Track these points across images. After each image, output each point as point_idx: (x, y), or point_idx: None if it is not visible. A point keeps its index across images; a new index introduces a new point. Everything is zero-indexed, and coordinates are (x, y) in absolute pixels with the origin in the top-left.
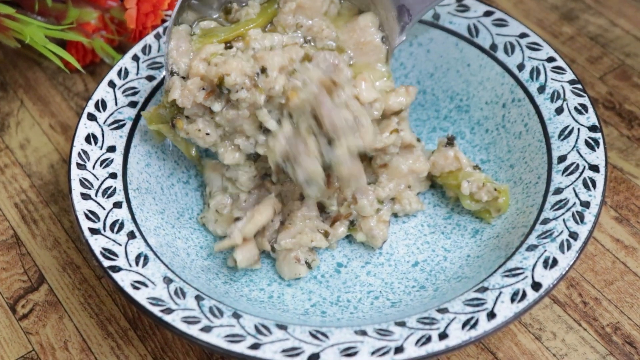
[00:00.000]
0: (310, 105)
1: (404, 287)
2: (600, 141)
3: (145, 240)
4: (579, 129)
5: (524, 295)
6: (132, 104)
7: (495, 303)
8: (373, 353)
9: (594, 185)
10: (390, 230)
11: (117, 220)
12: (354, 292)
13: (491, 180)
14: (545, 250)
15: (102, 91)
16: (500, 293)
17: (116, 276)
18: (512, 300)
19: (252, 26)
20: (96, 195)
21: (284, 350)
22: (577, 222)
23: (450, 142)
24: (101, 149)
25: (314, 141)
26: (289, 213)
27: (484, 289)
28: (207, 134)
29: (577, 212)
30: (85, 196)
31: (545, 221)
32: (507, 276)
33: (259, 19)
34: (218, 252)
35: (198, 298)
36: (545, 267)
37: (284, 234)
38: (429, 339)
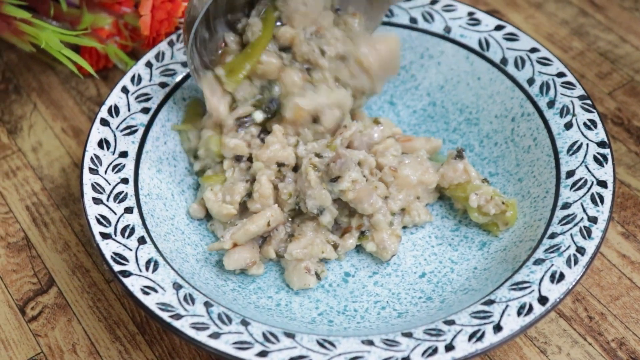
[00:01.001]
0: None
1: (410, 298)
2: (609, 157)
3: (156, 246)
4: (587, 145)
5: (531, 308)
6: (145, 110)
7: (501, 316)
8: None
9: (602, 201)
10: None
11: (128, 225)
12: (361, 302)
13: (499, 193)
14: (552, 265)
15: (115, 97)
16: (507, 306)
17: (126, 281)
18: (519, 313)
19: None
20: (108, 200)
21: (291, 359)
22: (584, 237)
23: (459, 154)
24: (113, 154)
25: (316, 177)
26: (300, 224)
27: (491, 302)
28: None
29: (584, 227)
30: (97, 201)
31: (553, 235)
32: (514, 289)
33: (265, 33)
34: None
35: (207, 304)
36: (552, 281)
37: (294, 244)
38: (435, 351)
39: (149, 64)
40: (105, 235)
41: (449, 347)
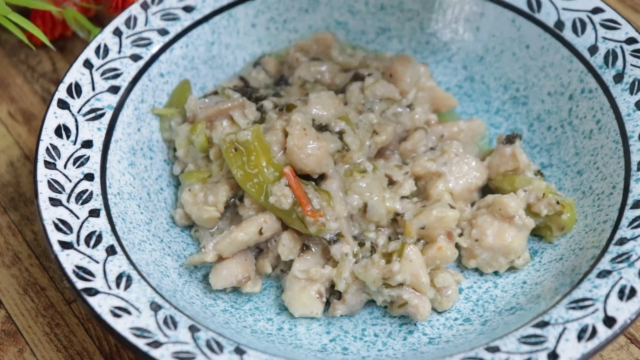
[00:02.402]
0: None
1: (444, 320)
2: None
3: (128, 257)
4: None
5: (594, 332)
6: (113, 89)
7: (558, 341)
8: None
9: None
10: None
11: (93, 232)
12: (382, 325)
13: (554, 190)
14: (621, 278)
15: (76, 72)
16: (565, 329)
17: (92, 300)
18: (579, 338)
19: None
20: (68, 201)
21: None
22: None
23: (510, 140)
24: (75, 143)
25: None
26: (310, 237)
27: (544, 324)
28: None
29: None
30: (54, 202)
31: (622, 241)
32: (572, 308)
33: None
34: None
35: (192, 329)
36: (620, 298)
37: (302, 260)
38: None
39: (117, 32)
40: (65, 245)
41: None
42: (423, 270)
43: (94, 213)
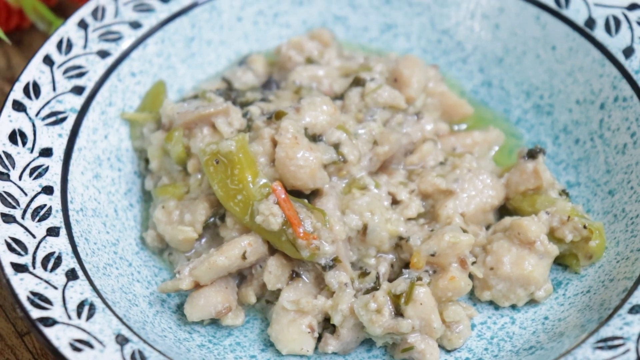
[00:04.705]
0: None
1: None
2: None
3: (92, 283)
4: None
5: None
6: (77, 90)
7: None
8: None
9: None
10: None
11: (51, 254)
12: None
13: (581, 212)
14: None
15: (34, 70)
16: None
17: (49, 332)
18: None
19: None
20: (23, 218)
21: None
22: None
23: (532, 154)
24: (32, 151)
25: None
26: (302, 263)
27: None
28: None
29: None
30: (7, 218)
31: None
32: (600, 348)
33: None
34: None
35: None
36: None
37: (292, 289)
38: None
39: (82, 24)
40: (19, 268)
41: None
42: (436, 315)
43: (53, 232)
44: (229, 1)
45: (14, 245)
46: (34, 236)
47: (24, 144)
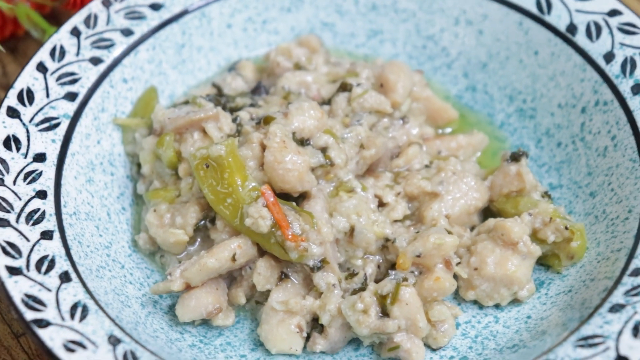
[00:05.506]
0: None
1: (438, 358)
2: None
3: (85, 285)
4: None
5: None
6: (70, 96)
7: None
8: None
9: None
10: None
11: (45, 257)
12: None
13: (563, 214)
14: (635, 312)
15: (28, 77)
16: None
17: (43, 333)
18: None
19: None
20: (17, 221)
21: None
22: None
23: (515, 157)
24: (25, 157)
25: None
26: (290, 264)
27: None
28: None
29: None
30: (2, 222)
31: (637, 272)
32: (581, 346)
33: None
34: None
35: None
36: (634, 335)
37: (281, 290)
38: None
39: (75, 32)
40: (13, 270)
41: None
42: (421, 315)
43: (47, 235)
44: (218, 8)
45: (8, 248)
46: (28, 239)
47: (18, 149)
